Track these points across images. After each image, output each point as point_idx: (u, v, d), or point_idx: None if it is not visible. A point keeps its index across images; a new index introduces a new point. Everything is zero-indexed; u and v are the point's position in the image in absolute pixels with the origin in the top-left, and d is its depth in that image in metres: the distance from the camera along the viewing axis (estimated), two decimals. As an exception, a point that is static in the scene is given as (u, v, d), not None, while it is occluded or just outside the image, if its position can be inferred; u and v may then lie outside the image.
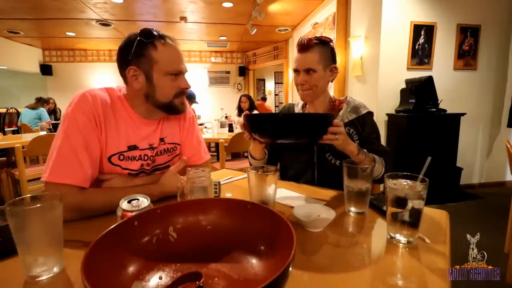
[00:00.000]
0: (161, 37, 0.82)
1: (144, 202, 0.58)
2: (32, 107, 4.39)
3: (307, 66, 1.02)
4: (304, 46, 1.02)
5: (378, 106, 2.89)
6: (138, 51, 0.80)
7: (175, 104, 0.87)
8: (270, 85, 9.44)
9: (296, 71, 1.07)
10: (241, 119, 3.88)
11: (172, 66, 0.83)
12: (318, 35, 4.41)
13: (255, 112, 4.08)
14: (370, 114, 1.10)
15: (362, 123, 1.08)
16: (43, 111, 4.45)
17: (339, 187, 0.84)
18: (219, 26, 4.99)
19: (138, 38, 0.80)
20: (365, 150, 0.94)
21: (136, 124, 0.87)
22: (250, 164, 1.11)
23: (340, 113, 1.09)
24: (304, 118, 0.82)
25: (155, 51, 0.81)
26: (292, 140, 0.82)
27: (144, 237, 0.47)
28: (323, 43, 1.03)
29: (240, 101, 4.24)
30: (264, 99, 7.09)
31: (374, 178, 0.98)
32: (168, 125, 0.97)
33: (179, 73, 0.85)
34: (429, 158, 0.64)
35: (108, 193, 0.78)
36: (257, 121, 0.82)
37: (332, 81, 1.10)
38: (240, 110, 4.22)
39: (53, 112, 5.14)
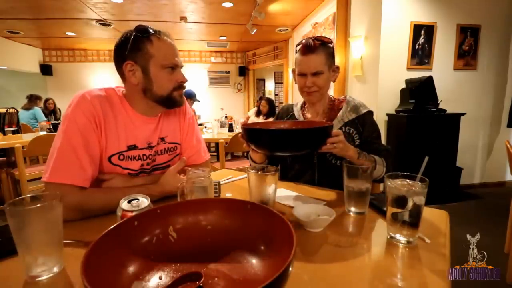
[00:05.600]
0: (156, 32, 0.83)
1: (144, 202, 0.58)
2: (26, 108, 4.36)
3: (316, 69, 1.01)
4: (311, 48, 0.99)
5: (378, 106, 2.88)
6: (134, 46, 0.81)
7: (174, 97, 0.88)
8: (270, 85, 9.43)
9: (301, 74, 1.04)
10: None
11: (168, 60, 0.84)
12: (318, 35, 4.42)
13: (270, 119, 4.10)
14: (370, 113, 1.10)
15: (362, 123, 1.08)
16: (37, 110, 4.40)
17: (339, 187, 0.84)
18: (219, 26, 4.99)
19: (134, 34, 0.82)
20: (365, 153, 0.94)
21: (134, 123, 0.87)
22: (251, 165, 1.11)
23: (340, 112, 1.09)
24: (303, 133, 0.78)
25: (151, 46, 0.82)
26: (290, 153, 0.81)
27: (144, 237, 0.47)
28: (326, 43, 1.02)
29: (260, 104, 4.29)
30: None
31: (375, 179, 0.98)
32: (168, 124, 0.97)
33: (175, 66, 0.86)
34: (426, 158, 0.64)
35: (108, 193, 0.78)
36: (254, 135, 0.80)
37: (334, 81, 1.10)
38: (258, 113, 4.28)
39: (53, 112, 5.13)
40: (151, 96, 0.86)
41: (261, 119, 4.12)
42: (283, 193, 0.91)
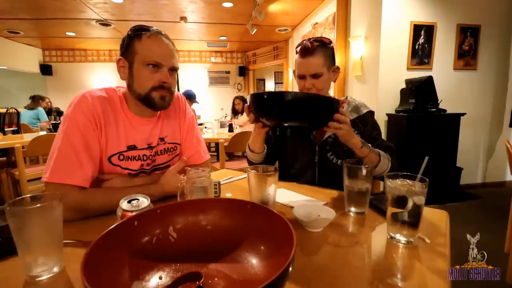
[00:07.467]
0: (150, 31, 0.83)
1: (144, 202, 0.58)
2: (30, 108, 4.39)
3: (315, 71, 1.00)
4: (309, 50, 0.99)
5: (378, 106, 2.88)
6: (127, 44, 0.83)
7: (152, 97, 0.84)
8: (270, 85, 9.43)
9: (301, 76, 1.04)
10: (241, 119, 3.90)
11: (151, 57, 0.81)
12: (318, 35, 4.42)
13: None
14: (371, 113, 1.10)
15: (364, 122, 1.08)
16: (41, 110, 4.44)
17: (340, 187, 0.84)
18: (219, 26, 4.99)
19: (129, 32, 0.84)
20: (369, 144, 0.93)
21: (132, 124, 0.88)
22: (248, 160, 1.10)
23: (341, 113, 1.09)
24: (312, 99, 0.80)
25: (139, 43, 0.82)
26: (298, 123, 0.81)
27: (144, 237, 0.47)
28: (325, 44, 1.02)
29: (234, 103, 4.27)
30: None
31: (381, 173, 0.97)
32: (168, 125, 0.97)
33: (159, 65, 0.82)
34: (426, 158, 0.64)
35: (108, 193, 0.78)
36: (264, 101, 0.80)
37: (335, 81, 1.09)
38: (234, 112, 4.25)
39: (49, 112, 5.11)
40: (133, 94, 0.86)
41: (239, 118, 4.08)
42: (283, 193, 0.91)
